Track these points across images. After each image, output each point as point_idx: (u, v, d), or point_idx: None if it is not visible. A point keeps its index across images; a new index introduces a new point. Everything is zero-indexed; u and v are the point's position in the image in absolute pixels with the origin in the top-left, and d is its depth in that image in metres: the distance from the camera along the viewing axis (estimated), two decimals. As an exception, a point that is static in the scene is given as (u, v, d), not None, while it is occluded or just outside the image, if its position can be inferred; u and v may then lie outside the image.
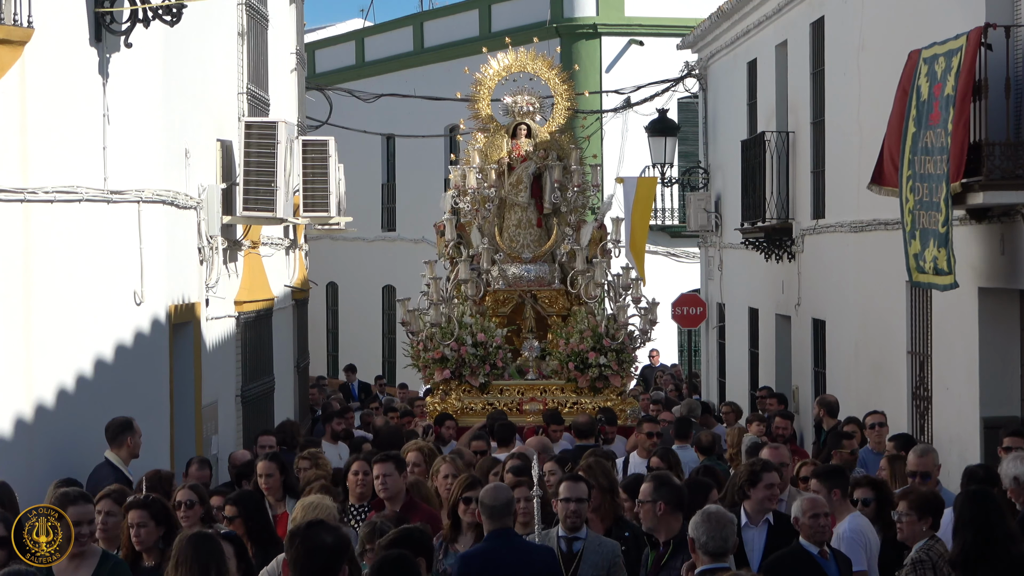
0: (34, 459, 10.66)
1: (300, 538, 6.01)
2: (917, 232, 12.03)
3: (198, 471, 11.07)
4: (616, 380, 16.08)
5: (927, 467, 9.88)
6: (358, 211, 23.84)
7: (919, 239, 11.99)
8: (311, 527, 6.11)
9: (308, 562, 5.89)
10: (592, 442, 13.22)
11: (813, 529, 7.94)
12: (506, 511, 7.87)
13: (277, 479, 9.81)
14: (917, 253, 12.02)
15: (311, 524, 6.19)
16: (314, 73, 32.57)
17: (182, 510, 8.76)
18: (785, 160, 18.81)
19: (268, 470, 9.83)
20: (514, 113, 17.28)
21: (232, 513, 8.62)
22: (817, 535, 7.95)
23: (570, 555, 8.11)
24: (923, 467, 9.90)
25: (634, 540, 8.67)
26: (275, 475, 9.80)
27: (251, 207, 14.65)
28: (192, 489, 9.01)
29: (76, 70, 11.14)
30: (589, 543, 8.18)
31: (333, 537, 6.00)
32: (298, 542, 6.02)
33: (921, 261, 11.98)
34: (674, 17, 27.47)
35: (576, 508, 8.20)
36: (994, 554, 7.36)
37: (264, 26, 17.60)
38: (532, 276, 16.86)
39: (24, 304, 10.77)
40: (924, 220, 11.87)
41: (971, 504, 7.60)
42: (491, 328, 16.18)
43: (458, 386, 16.14)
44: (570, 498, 8.22)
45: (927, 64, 11.92)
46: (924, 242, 11.88)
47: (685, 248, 27.73)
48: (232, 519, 8.59)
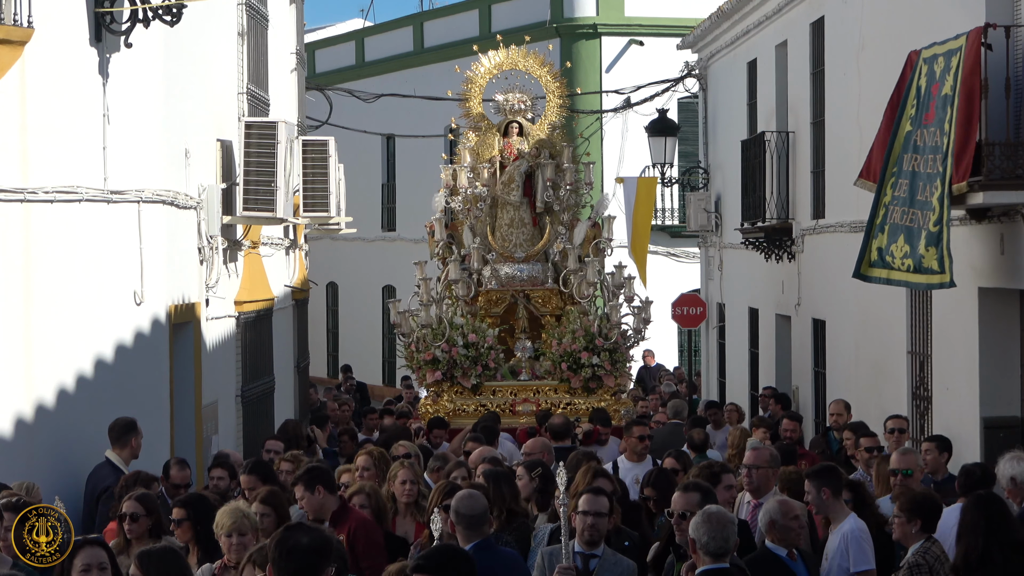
0: (34, 459, 10.65)
1: (276, 539, 5.97)
2: (886, 227, 12.03)
3: (179, 472, 10.77)
4: (610, 380, 15.96)
5: (908, 464, 9.92)
6: (358, 211, 23.84)
7: (887, 233, 12.00)
8: (288, 529, 6.03)
9: (284, 563, 5.85)
10: (568, 443, 12.98)
11: (788, 531, 7.83)
12: (484, 520, 7.71)
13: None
14: (882, 247, 12.04)
15: (289, 526, 6.12)
16: (314, 73, 32.57)
17: (127, 522, 8.52)
18: (785, 160, 18.81)
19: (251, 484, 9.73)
20: (505, 111, 17.19)
21: (180, 516, 8.39)
22: (790, 538, 7.84)
23: (586, 572, 7.82)
24: (904, 464, 9.93)
25: (634, 549, 8.47)
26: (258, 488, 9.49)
27: (251, 207, 14.65)
28: (139, 501, 8.62)
29: (76, 70, 11.13)
30: (605, 560, 7.90)
31: (310, 538, 5.88)
32: (274, 543, 5.97)
33: (888, 256, 11.99)
34: (674, 17, 27.49)
35: (595, 522, 7.89)
36: (996, 561, 7.31)
37: (264, 26, 17.59)
38: (525, 276, 16.79)
39: (24, 304, 10.76)
40: (905, 217, 11.83)
41: (977, 509, 7.54)
42: (483, 329, 16.06)
43: (450, 388, 16.03)
44: (589, 511, 7.90)
45: (927, 64, 11.93)
46: (894, 237, 11.88)
47: (685, 248, 27.74)
48: (180, 522, 8.36)
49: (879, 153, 12.64)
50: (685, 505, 7.65)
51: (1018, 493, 8.98)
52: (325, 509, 8.75)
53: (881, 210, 12.15)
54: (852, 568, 8.37)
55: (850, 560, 8.39)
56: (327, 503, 8.76)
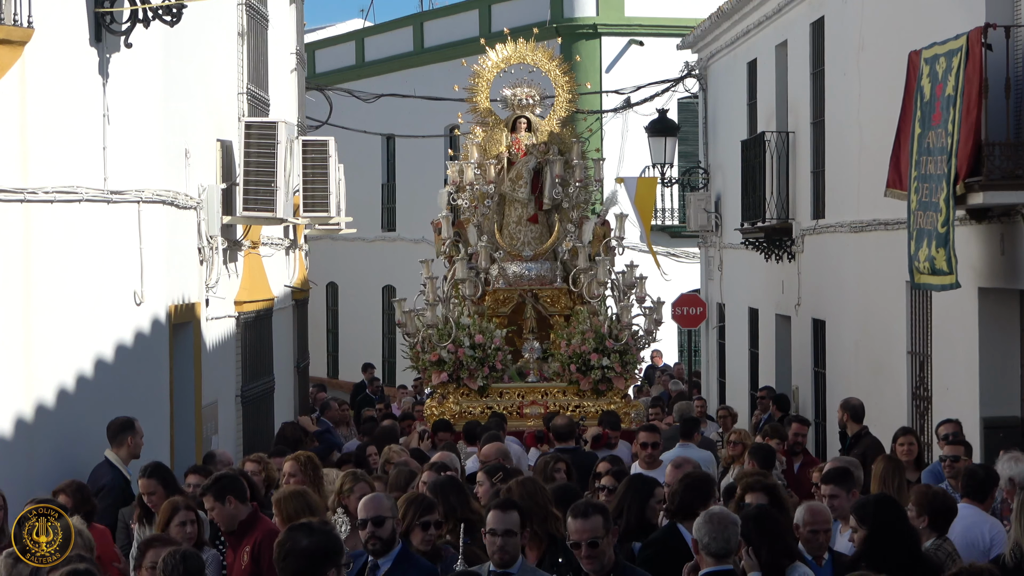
0: (34, 459, 10.65)
1: (278, 541, 5.94)
2: (914, 232, 12.06)
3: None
4: (620, 382, 15.61)
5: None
6: (358, 211, 23.83)
7: (915, 239, 12.01)
8: (291, 529, 5.97)
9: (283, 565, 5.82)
10: (572, 445, 12.67)
11: (814, 537, 7.73)
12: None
13: (161, 495, 9.29)
14: (914, 254, 12.04)
15: (292, 527, 6.03)
16: (314, 73, 32.56)
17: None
18: (785, 160, 18.80)
19: (151, 488, 9.41)
20: (513, 106, 16.78)
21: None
22: (815, 544, 7.74)
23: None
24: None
25: (568, 566, 7.42)
26: (159, 492, 9.35)
27: (251, 207, 14.64)
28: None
29: (76, 70, 11.13)
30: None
31: (311, 540, 5.81)
32: (276, 544, 5.94)
33: (916, 262, 11.99)
34: (674, 17, 27.47)
35: (504, 543, 6.93)
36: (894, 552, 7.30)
37: (264, 26, 17.59)
38: (533, 275, 16.37)
39: (24, 304, 10.76)
40: (922, 220, 11.88)
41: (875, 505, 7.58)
42: (490, 329, 15.67)
43: (456, 389, 15.67)
44: (496, 530, 6.95)
45: (928, 65, 11.93)
46: (920, 242, 11.89)
47: (685, 248, 27.72)
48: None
49: (905, 160, 12.58)
50: (581, 533, 6.89)
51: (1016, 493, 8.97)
52: (236, 520, 8.47)
53: (911, 217, 12.15)
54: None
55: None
56: (238, 513, 8.47)
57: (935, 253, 11.44)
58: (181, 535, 8.33)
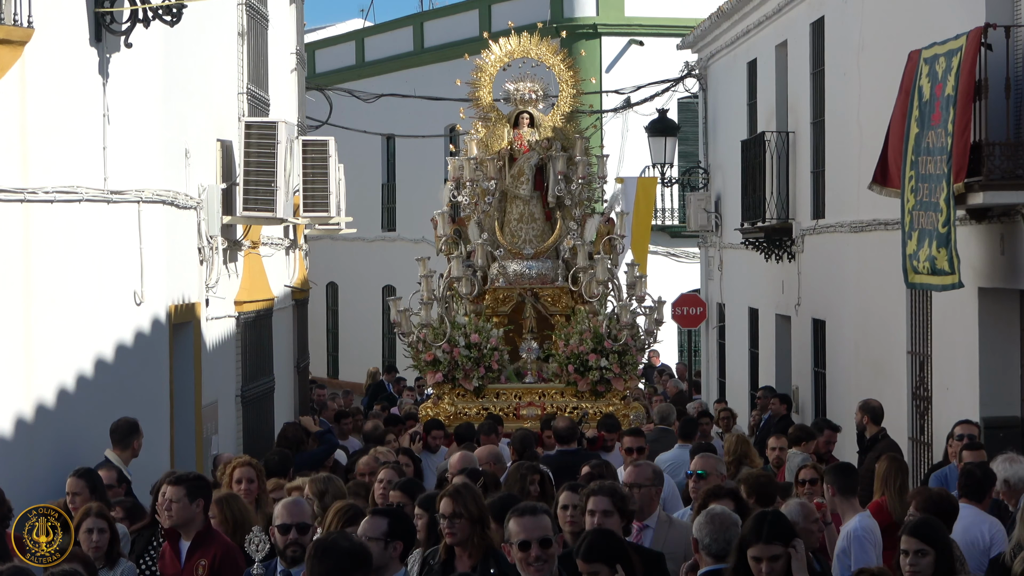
0: (34, 459, 10.65)
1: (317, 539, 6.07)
2: (914, 233, 12.04)
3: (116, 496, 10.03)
4: (618, 383, 15.29)
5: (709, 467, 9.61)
6: (358, 211, 23.82)
7: (915, 239, 12.00)
8: (331, 534, 6.09)
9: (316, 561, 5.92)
10: (574, 447, 12.35)
11: (808, 534, 7.74)
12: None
13: (85, 498, 9.00)
14: (912, 253, 12.03)
15: (332, 533, 6.15)
16: (314, 73, 32.56)
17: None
18: (785, 160, 18.81)
19: (76, 488, 9.18)
20: (516, 100, 16.43)
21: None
22: (809, 541, 7.72)
23: None
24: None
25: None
26: (84, 494, 9.10)
27: (251, 207, 14.64)
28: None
29: (76, 70, 11.13)
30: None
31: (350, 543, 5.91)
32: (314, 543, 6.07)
33: (915, 261, 11.98)
34: (674, 17, 27.48)
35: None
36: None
37: (264, 26, 17.59)
38: (534, 273, 16.05)
39: (24, 304, 10.76)
40: (922, 220, 11.87)
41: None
42: (486, 328, 15.35)
43: (451, 390, 15.38)
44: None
45: (928, 64, 11.93)
46: (920, 242, 11.89)
47: (685, 248, 27.74)
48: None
49: (895, 158, 12.57)
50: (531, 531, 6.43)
51: (1012, 495, 9.01)
52: (192, 525, 7.90)
53: (907, 216, 12.13)
54: (853, 566, 8.36)
55: (851, 559, 8.39)
56: (196, 520, 7.92)
57: (936, 253, 11.43)
58: (87, 543, 7.98)
